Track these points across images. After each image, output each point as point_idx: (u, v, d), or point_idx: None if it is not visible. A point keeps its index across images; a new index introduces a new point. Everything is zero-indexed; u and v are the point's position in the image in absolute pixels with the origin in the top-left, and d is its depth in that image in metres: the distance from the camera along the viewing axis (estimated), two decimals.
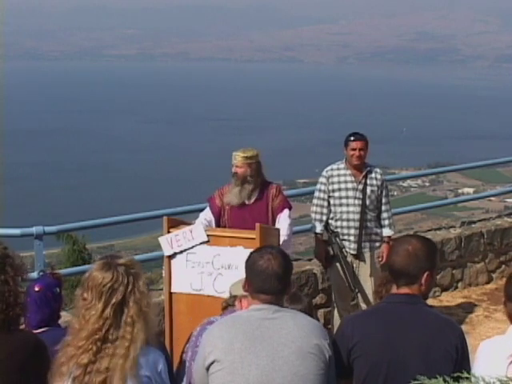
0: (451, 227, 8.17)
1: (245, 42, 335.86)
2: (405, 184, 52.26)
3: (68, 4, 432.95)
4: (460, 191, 49.16)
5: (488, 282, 7.96)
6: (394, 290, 2.85)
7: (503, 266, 8.12)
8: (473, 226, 8.19)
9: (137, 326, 2.61)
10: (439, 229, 8.11)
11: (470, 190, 43.97)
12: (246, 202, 5.35)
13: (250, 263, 2.80)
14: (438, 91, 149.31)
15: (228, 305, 3.95)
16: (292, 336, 2.63)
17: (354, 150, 5.69)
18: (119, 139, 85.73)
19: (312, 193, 6.17)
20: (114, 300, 2.61)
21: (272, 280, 2.72)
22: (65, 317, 4.01)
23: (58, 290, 3.44)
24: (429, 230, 8.13)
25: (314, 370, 2.61)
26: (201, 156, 73.40)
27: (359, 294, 5.84)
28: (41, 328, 3.28)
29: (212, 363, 2.65)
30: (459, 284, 7.75)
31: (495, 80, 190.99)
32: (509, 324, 2.73)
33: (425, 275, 2.79)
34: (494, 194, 12.91)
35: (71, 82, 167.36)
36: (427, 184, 54.89)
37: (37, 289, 3.34)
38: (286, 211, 5.36)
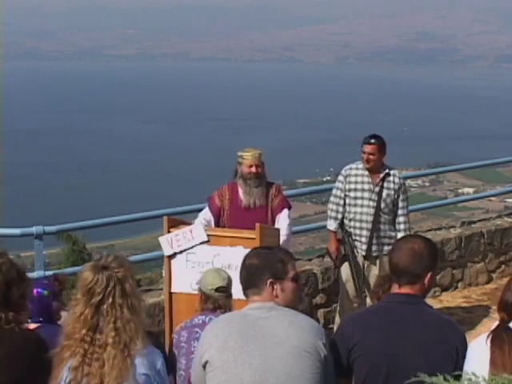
0: (451, 227, 8.17)
1: (245, 42, 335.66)
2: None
3: (68, 4, 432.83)
4: (460, 191, 49.13)
5: (488, 282, 7.96)
6: (396, 289, 2.84)
7: (503, 265, 8.12)
8: (473, 225, 8.19)
9: (121, 328, 2.61)
10: (439, 229, 8.12)
11: (470, 190, 43.93)
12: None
13: (243, 263, 2.81)
14: (438, 91, 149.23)
15: (219, 306, 3.91)
16: (286, 335, 2.60)
17: (364, 153, 5.69)
18: (119, 139, 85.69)
19: (312, 193, 6.18)
20: (95, 301, 2.61)
21: None
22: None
23: (45, 292, 3.43)
24: (429, 230, 8.13)
25: (308, 369, 2.58)
26: (201, 156, 73.37)
27: (367, 296, 5.83)
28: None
29: (207, 361, 2.64)
30: (459, 284, 7.75)
31: (495, 80, 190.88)
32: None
33: (428, 275, 2.79)
34: (494, 194, 12.92)
35: (71, 82, 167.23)
36: (427, 184, 54.81)
37: None
38: (286, 211, 5.35)
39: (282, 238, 5.03)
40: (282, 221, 5.29)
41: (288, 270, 2.75)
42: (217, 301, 3.90)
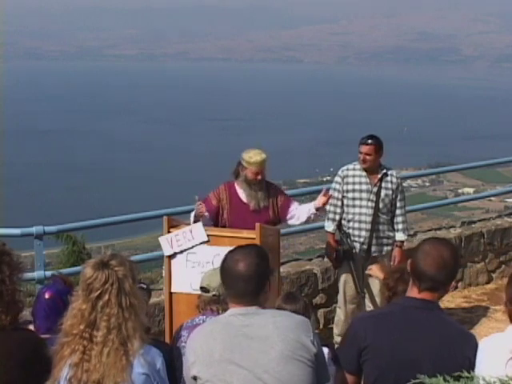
0: (451, 227, 8.18)
1: (245, 42, 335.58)
2: (405, 184, 51.81)
3: (68, 4, 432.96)
4: (460, 191, 49.09)
5: (488, 282, 7.96)
6: (414, 293, 2.78)
7: (503, 265, 8.12)
8: (473, 226, 8.20)
9: (116, 327, 2.61)
10: (439, 229, 8.12)
11: (470, 190, 43.93)
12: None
13: (221, 263, 2.74)
14: (438, 91, 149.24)
15: (204, 305, 3.89)
16: (271, 341, 2.53)
17: (360, 153, 5.68)
18: (119, 139, 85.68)
19: (312, 193, 6.16)
20: (92, 297, 2.62)
21: (239, 282, 2.62)
22: None
23: (68, 298, 3.38)
24: (429, 230, 8.14)
25: (297, 372, 2.53)
26: (201, 156, 73.37)
27: (366, 296, 5.82)
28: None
29: (196, 376, 2.59)
30: (459, 284, 7.75)
31: (495, 80, 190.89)
32: (508, 323, 2.72)
33: (452, 284, 2.79)
34: (494, 193, 12.88)
35: (71, 82, 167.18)
36: (427, 184, 54.78)
37: (47, 296, 3.25)
38: (296, 203, 5.40)
39: (307, 210, 5.25)
40: (299, 206, 5.35)
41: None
42: (203, 301, 3.90)
